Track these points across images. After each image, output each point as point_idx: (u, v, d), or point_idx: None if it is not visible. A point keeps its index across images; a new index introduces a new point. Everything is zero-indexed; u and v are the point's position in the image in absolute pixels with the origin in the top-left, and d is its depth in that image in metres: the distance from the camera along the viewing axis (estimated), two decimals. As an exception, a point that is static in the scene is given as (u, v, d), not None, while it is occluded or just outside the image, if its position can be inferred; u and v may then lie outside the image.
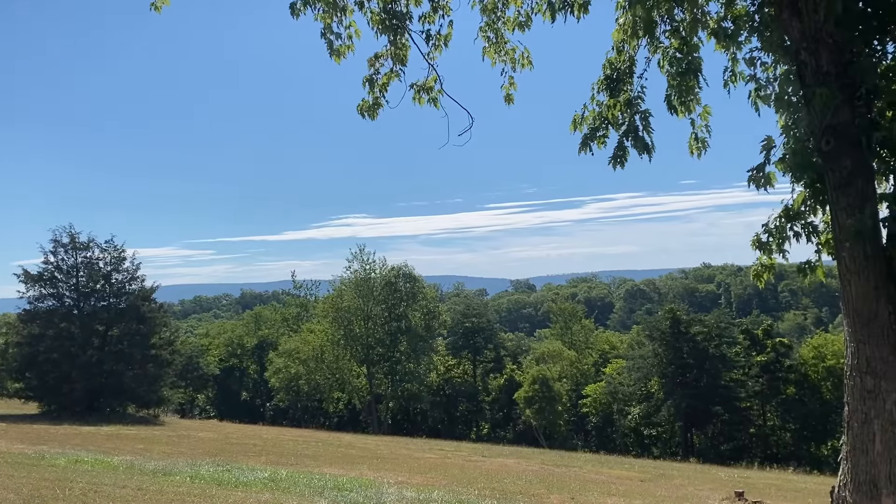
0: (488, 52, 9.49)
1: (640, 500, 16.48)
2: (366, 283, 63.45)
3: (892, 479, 5.94)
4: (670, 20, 7.85)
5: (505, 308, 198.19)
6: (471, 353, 70.72)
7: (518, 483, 18.77)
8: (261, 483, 15.32)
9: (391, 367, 62.15)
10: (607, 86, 8.43)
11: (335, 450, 29.35)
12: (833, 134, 6.22)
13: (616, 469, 26.71)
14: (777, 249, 7.76)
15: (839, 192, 6.27)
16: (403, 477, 18.86)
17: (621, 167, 8.45)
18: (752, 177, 7.62)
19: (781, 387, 52.72)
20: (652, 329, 58.64)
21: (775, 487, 23.01)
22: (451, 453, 29.99)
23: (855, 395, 6.20)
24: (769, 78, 7.89)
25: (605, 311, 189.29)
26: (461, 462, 25.55)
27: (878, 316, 6.05)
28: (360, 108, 9.44)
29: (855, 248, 6.16)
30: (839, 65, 6.33)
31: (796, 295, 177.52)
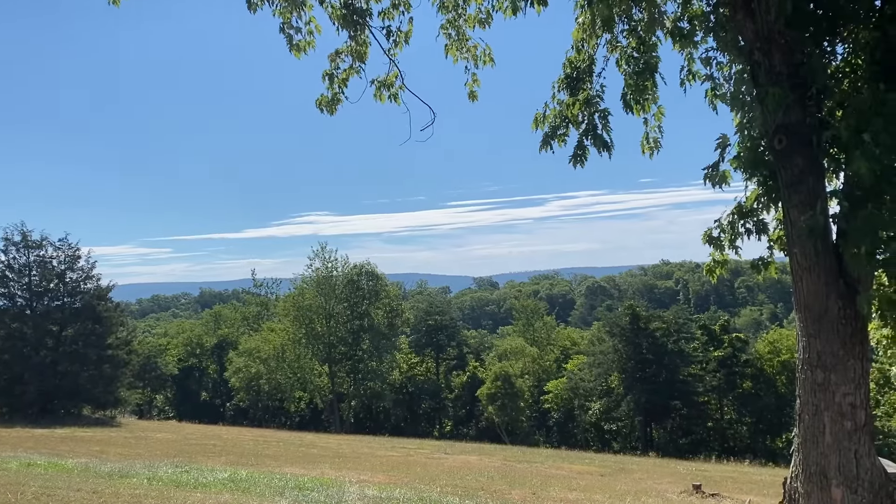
0: (450, 49, 9.49)
1: (601, 495, 16.67)
2: (328, 282, 63.04)
3: (842, 470, 6.11)
4: (628, 19, 7.95)
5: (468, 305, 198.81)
6: (434, 351, 70.77)
7: (480, 479, 18.84)
8: (220, 484, 15.12)
9: (353, 366, 61.87)
10: (567, 84, 8.51)
11: (296, 449, 29.11)
12: (785, 133, 6.36)
13: (577, 464, 26.98)
14: (729, 245, 7.89)
15: (791, 189, 6.42)
16: (366, 475, 18.80)
17: (581, 166, 8.55)
18: (708, 174, 7.75)
19: (738, 381, 53.81)
20: (612, 325, 59.37)
21: (731, 480, 23.47)
22: (414, 451, 29.98)
23: (806, 388, 6.35)
24: (725, 77, 8.05)
25: (566, 307, 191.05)
26: (424, 460, 25.56)
27: (829, 311, 6.20)
28: (318, 103, 9.39)
29: (806, 245, 6.30)
30: (791, 65, 6.47)
31: (752, 291, 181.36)
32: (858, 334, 6.21)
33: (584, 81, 8.33)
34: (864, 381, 6.21)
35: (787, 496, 6.63)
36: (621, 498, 16.25)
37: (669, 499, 16.84)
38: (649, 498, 16.68)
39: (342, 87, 9.33)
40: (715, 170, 7.69)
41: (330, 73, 9.28)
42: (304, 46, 9.04)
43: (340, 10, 8.65)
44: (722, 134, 7.68)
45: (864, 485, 6.07)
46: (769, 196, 7.22)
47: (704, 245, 8.12)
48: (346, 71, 9.27)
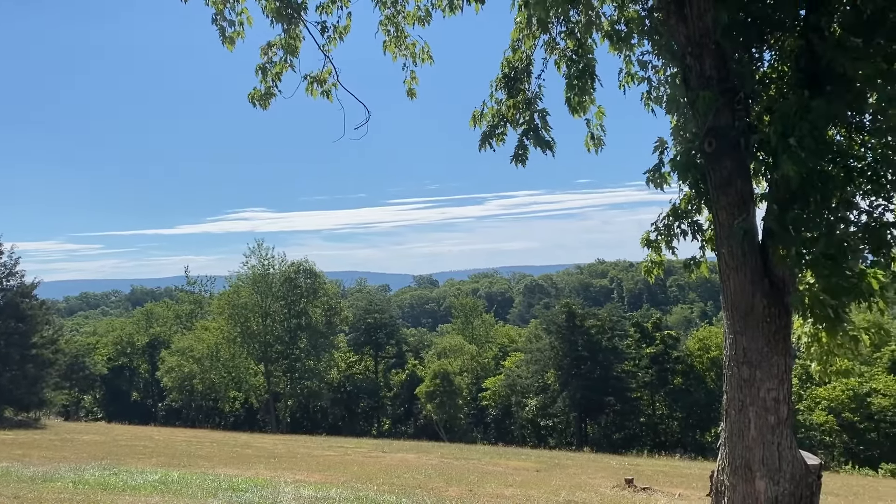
0: (389, 46, 9.44)
1: (536, 490, 16.88)
2: (264, 279, 62.08)
3: (766, 463, 6.32)
4: (566, 21, 8.04)
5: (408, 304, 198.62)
6: (373, 350, 70.48)
7: (418, 477, 18.85)
8: (150, 486, 14.73)
9: (290, 365, 61.10)
10: (505, 84, 8.57)
11: (231, 450, 28.56)
12: (715, 136, 6.54)
13: (513, 460, 27.26)
14: (666, 246, 8.08)
15: (720, 191, 6.61)
16: (301, 475, 18.58)
17: (522, 165, 8.62)
18: (650, 177, 7.92)
19: (669, 377, 55.28)
20: (549, 323, 60.25)
21: (663, 474, 24.09)
22: (351, 450, 29.77)
23: (732, 383, 6.55)
24: (661, 80, 8.23)
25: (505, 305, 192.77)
26: (361, 458, 25.42)
27: (755, 309, 6.41)
28: (251, 97, 9.23)
29: (734, 245, 6.49)
30: (721, 70, 6.66)
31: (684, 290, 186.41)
32: (782, 331, 6.44)
33: (523, 81, 8.40)
34: (787, 376, 6.44)
35: (714, 489, 6.83)
36: (556, 493, 16.50)
37: (603, 493, 17.17)
38: (583, 493, 16.98)
39: (276, 82, 9.18)
40: (656, 172, 7.86)
41: (263, 67, 9.13)
42: (236, 38, 8.86)
43: (274, 2, 8.50)
44: (659, 137, 7.85)
45: (785, 477, 6.30)
46: (700, 198, 7.41)
47: (643, 248, 8.29)
48: (278, 65, 9.13)
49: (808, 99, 6.19)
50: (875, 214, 6.68)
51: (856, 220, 6.64)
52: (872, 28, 6.20)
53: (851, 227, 6.53)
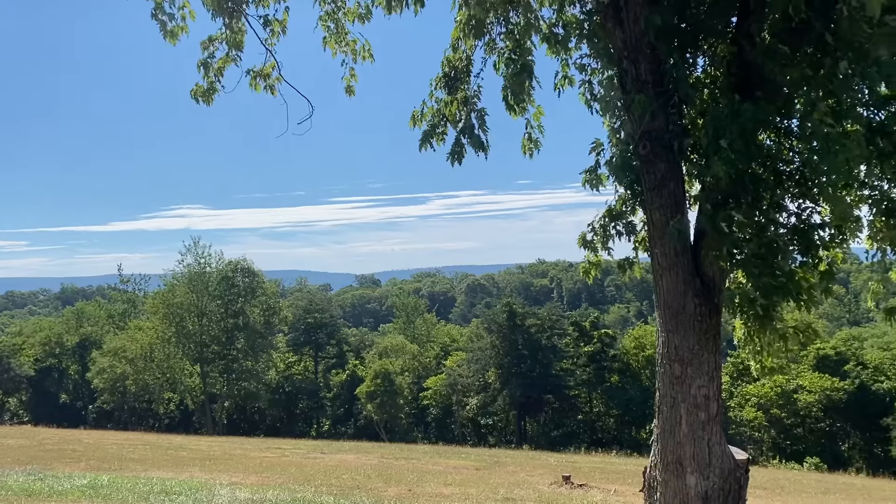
0: (329, 42, 9.33)
1: (475, 489, 16.95)
2: (200, 278, 60.78)
3: (696, 458, 6.47)
4: (505, 22, 8.08)
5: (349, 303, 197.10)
6: (313, 350, 69.75)
7: (357, 478, 18.70)
8: (78, 491, 14.21)
9: (227, 366, 59.97)
10: (445, 83, 8.56)
11: (164, 452, 27.81)
12: (649, 139, 6.66)
13: (453, 459, 27.33)
14: (602, 247, 8.19)
15: (654, 193, 6.73)
16: (237, 477, 18.22)
17: (459, 164, 8.61)
18: (586, 178, 8.02)
19: (606, 375, 56.36)
20: (490, 322, 60.71)
21: (599, 470, 24.51)
22: (290, 451, 29.36)
23: (665, 381, 6.69)
24: (599, 83, 8.33)
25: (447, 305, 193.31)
26: (299, 460, 25.08)
27: (686, 308, 6.55)
28: (194, 93, 9.02)
29: (666, 245, 6.62)
30: (656, 74, 6.78)
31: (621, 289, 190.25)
32: (712, 330, 6.60)
33: (462, 81, 8.40)
34: (716, 374, 6.60)
35: (647, 484, 6.96)
36: (495, 491, 16.60)
37: (541, 490, 17.36)
38: (522, 490, 17.13)
39: (218, 77, 8.99)
40: (593, 173, 7.96)
41: (205, 62, 8.93)
42: (178, 32, 8.64)
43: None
44: (596, 139, 7.96)
45: (715, 472, 6.46)
46: (635, 199, 7.54)
47: (580, 249, 8.38)
48: (221, 60, 8.95)
49: (738, 103, 6.36)
50: (803, 216, 6.92)
51: (785, 222, 6.86)
52: (799, 36, 6.40)
53: (781, 229, 6.75)
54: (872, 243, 7.38)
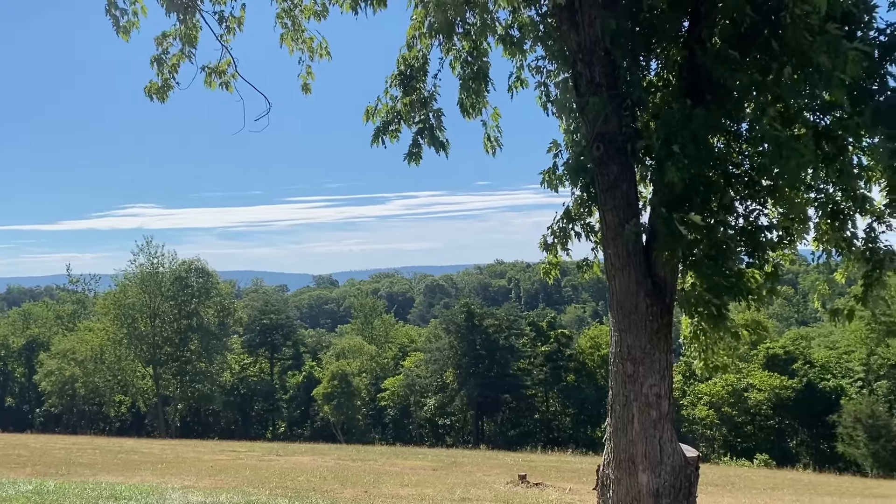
0: (286, 39, 9.23)
1: (432, 489, 16.95)
2: (153, 278, 59.65)
3: (647, 456, 6.57)
4: (462, 23, 8.09)
5: (306, 304, 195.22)
6: (268, 351, 68.95)
7: (312, 480, 18.54)
8: (23, 497, 13.80)
9: (180, 367, 58.97)
10: (401, 81, 8.53)
11: (114, 456, 27.20)
12: (603, 141, 6.74)
13: (410, 460, 27.29)
14: (561, 249, 8.26)
15: (607, 194, 6.82)
16: (190, 481, 17.91)
17: (416, 164, 8.61)
18: (544, 179, 8.09)
19: (562, 374, 56.93)
20: (448, 322, 60.83)
21: (555, 469, 24.73)
22: (245, 454, 28.97)
23: (617, 380, 6.78)
24: (555, 85, 8.41)
25: (406, 305, 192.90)
26: (254, 462, 24.77)
27: (638, 308, 6.65)
28: (148, 90, 8.85)
29: (619, 246, 6.72)
30: (610, 77, 6.87)
31: (577, 290, 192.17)
32: (664, 329, 6.71)
33: (419, 80, 8.39)
34: (668, 372, 6.72)
35: (600, 483, 7.04)
36: (451, 491, 16.62)
37: (497, 490, 17.44)
38: (478, 490, 17.19)
39: (173, 73, 8.83)
40: (552, 175, 8.03)
41: (158, 58, 8.76)
42: (131, 28, 8.47)
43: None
44: (553, 140, 8.03)
45: (666, 469, 6.57)
46: (591, 200, 7.62)
47: (541, 252, 8.45)
48: (175, 56, 8.79)
49: (690, 108, 6.47)
50: (751, 218, 7.09)
51: (734, 224, 7.02)
52: (748, 42, 6.55)
53: (730, 230, 6.90)
54: (819, 245, 7.60)
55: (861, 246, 7.24)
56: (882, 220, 7.20)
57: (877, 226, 7.20)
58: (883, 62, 6.92)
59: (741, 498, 19.12)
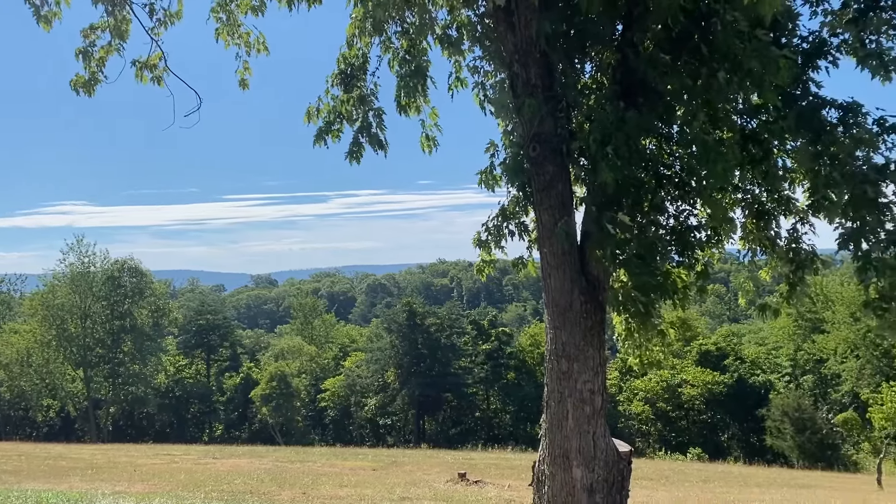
0: (221, 33, 9.06)
1: (371, 490, 16.89)
2: (84, 278, 57.73)
3: (581, 451, 6.69)
4: (401, 21, 8.08)
5: (244, 304, 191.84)
6: (205, 352, 67.51)
7: (249, 482, 18.26)
8: (-60, 508, 13.19)
9: (113, 370, 57.24)
10: (342, 80, 8.47)
11: (42, 462, 26.22)
12: (539, 141, 6.83)
13: (350, 460, 27.13)
14: (496, 246, 8.34)
15: (543, 194, 6.91)
16: (122, 486, 17.41)
17: (357, 162, 8.57)
18: (482, 178, 8.14)
19: (503, 372, 57.42)
20: (390, 322, 60.68)
21: (495, 466, 24.95)
22: (180, 457, 28.32)
23: (552, 376, 6.88)
24: (492, 85, 8.47)
25: (347, 305, 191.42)
26: (190, 466, 24.24)
27: (573, 306, 6.76)
28: (73, 84, 8.57)
29: (555, 245, 6.82)
30: (546, 78, 6.96)
31: (518, 288, 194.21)
32: (597, 326, 6.84)
33: (359, 79, 8.35)
34: (601, 369, 6.85)
35: (536, 478, 7.13)
36: (391, 491, 16.59)
37: (436, 488, 17.49)
38: (418, 489, 17.20)
39: (100, 67, 8.57)
40: (489, 174, 8.09)
41: (85, 51, 8.48)
42: (52, 18, 8.18)
43: (94, -20, 7.89)
44: (490, 140, 8.09)
45: (599, 464, 6.70)
46: (527, 200, 7.72)
47: (476, 248, 8.50)
48: (103, 49, 8.52)
49: (623, 110, 6.61)
50: (681, 219, 7.28)
51: (665, 224, 7.20)
52: (679, 46, 6.73)
53: (661, 230, 7.08)
54: (745, 244, 7.87)
55: (785, 246, 7.53)
56: (805, 220, 7.51)
57: (800, 226, 7.51)
58: (806, 68, 7.23)
59: (675, 491, 19.64)
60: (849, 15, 7.15)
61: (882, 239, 6.56)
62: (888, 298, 6.63)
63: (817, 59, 7.26)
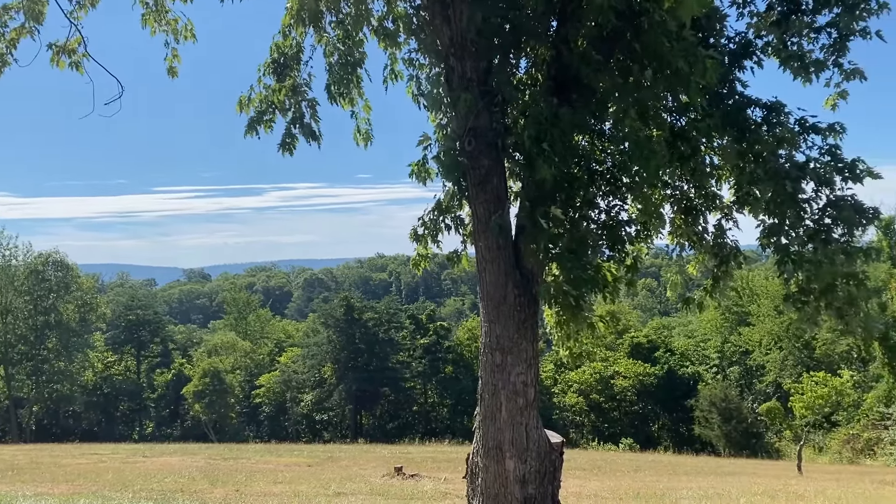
0: (148, 19, 8.77)
1: (306, 485, 16.72)
2: (5, 272, 55.46)
3: (514, 443, 6.76)
4: (336, 12, 7.97)
5: (176, 299, 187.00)
6: (135, 348, 65.56)
7: (180, 480, 17.84)
8: None
9: (36, 367, 55.14)
10: (274, 70, 8.31)
11: (-42, 465, 25.02)
12: (475, 136, 6.85)
13: (285, 457, 26.81)
14: (432, 241, 8.32)
15: (478, 188, 6.94)
16: (44, 487, 16.76)
17: (290, 154, 8.41)
18: (414, 171, 8.10)
19: (441, 366, 57.61)
20: (327, 316, 60.13)
21: (431, 459, 25.03)
22: (108, 456, 27.46)
23: (487, 369, 6.93)
24: (426, 78, 8.44)
25: (283, 300, 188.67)
26: (118, 465, 23.52)
27: (507, 299, 6.82)
28: (-20, 65, 8.15)
29: (490, 239, 6.86)
30: (481, 73, 6.98)
31: (457, 283, 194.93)
32: (530, 319, 6.92)
33: (292, 68, 8.20)
34: (534, 361, 6.94)
35: (470, 471, 7.18)
36: (326, 486, 16.46)
37: (372, 483, 17.43)
38: (353, 484, 17.11)
39: (10, 49, 8.18)
40: (421, 168, 8.05)
41: (-6, 32, 8.09)
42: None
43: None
44: (424, 133, 8.04)
45: (532, 455, 6.79)
46: (462, 194, 7.73)
47: (411, 243, 8.47)
48: (15, 30, 8.15)
49: (557, 106, 6.68)
50: (612, 214, 7.42)
51: (596, 219, 7.33)
52: (611, 44, 6.84)
53: (592, 225, 7.20)
54: (674, 239, 8.08)
55: (711, 241, 7.76)
56: (730, 216, 7.75)
57: (725, 222, 7.75)
58: (732, 68, 7.46)
59: (606, 481, 20.07)
60: (773, 17, 7.40)
61: (801, 234, 6.82)
62: (807, 292, 6.91)
63: (743, 60, 7.50)
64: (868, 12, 6.93)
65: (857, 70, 7.16)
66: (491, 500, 6.81)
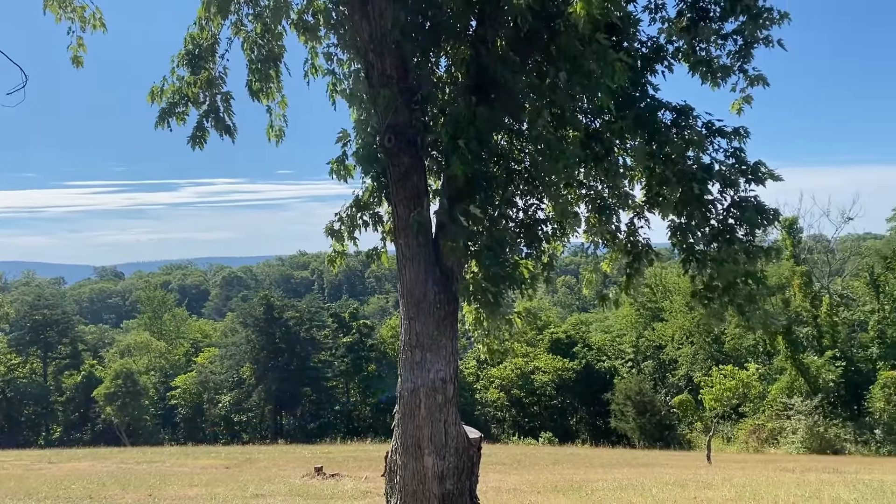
0: (51, 5, 8.36)
1: (223, 488, 16.32)
2: None
3: (433, 440, 6.80)
4: (254, 4, 7.81)
5: (87, 298, 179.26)
6: (41, 350, 62.53)
7: (89, 486, 17.11)
8: None
9: (-69, 370, 51.79)
10: (189, 61, 8.08)
11: None
12: (394, 132, 6.85)
13: (202, 459, 26.11)
14: (348, 237, 8.26)
15: (398, 185, 6.94)
16: (-62, 499, 15.79)
17: (200, 148, 8.21)
18: (333, 168, 8.02)
19: (364, 365, 57.26)
20: (246, 316, 58.89)
21: (353, 459, 24.85)
22: (9, 463, 26.08)
23: (406, 367, 6.94)
24: (345, 74, 8.37)
25: (200, 298, 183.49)
26: (21, 472, 22.37)
27: (427, 297, 6.85)
28: None
29: (410, 236, 6.87)
30: (401, 70, 6.98)
31: (381, 280, 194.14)
32: (450, 317, 6.98)
33: (207, 60, 7.98)
34: (453, 357, 6.99)
35: (388, 468, 7.18)
36: (244, 488, 16.12)
37: (292, 483, 17.18)
38: (272, 485, 16.82)
39: None
40: (340, 164, 7.97)
41: None
42: None
43: None
44: (342, 129, 7.98)
45: (450, 451, 6.84)
46: (381, 191, 7.71)
47: (327, 238, 8.36)
48: None
49: (475, 105, 6.76)
50: (530, 212, 7.56)
51: (514, 217, 7.44)
52: (528, 46, 6.96)
53: (510, 223, 7.31)
54: (588, 237, 8.28)
55: (624, 239, 8.00)
56: (641, 215, 8.01)
57: (637, 221, 8.00)
58: (644, 72, 7.70)
59: (525, 475, 20.39)
60: (683, 23, 7.67)
61: (707, 234, 7.11)
62: (711, 289, 7.21)
63: (655, 64, 7.75)
64: (771, 21, 7.27)
65: (761, 76, 7.51)
66: (409, 497, 6.83)
